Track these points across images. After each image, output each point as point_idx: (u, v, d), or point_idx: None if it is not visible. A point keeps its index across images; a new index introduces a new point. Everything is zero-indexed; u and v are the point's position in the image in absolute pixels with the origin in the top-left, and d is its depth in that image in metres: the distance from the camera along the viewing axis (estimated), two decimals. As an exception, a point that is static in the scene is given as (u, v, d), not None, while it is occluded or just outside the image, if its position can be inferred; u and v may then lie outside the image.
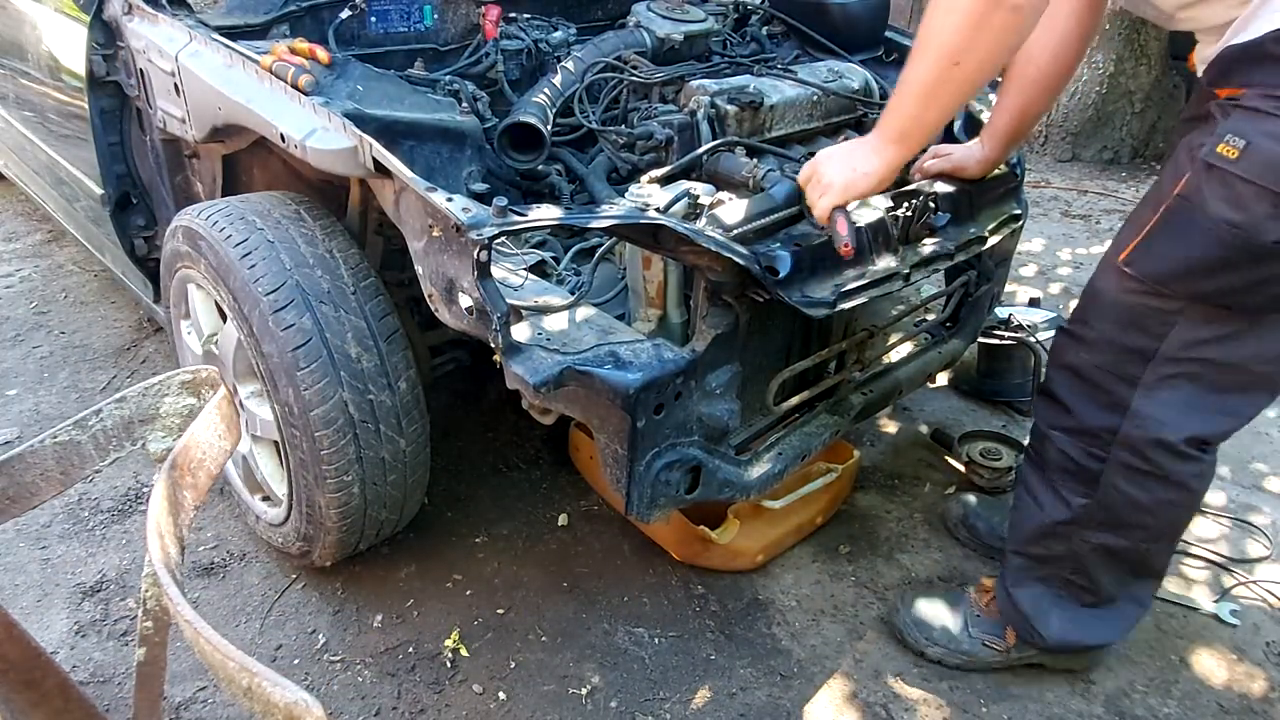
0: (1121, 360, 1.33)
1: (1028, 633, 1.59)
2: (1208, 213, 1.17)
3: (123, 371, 2.52)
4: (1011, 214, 1.88)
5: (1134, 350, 1.31)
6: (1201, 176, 1.17)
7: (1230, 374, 1.29)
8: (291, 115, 1.42)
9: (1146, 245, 1.25)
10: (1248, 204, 1.13)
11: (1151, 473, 1.37)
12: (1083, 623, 1.57)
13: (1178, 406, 1.31)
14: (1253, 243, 1.14)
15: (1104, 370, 1.35)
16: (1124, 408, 1.34)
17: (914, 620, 1.69)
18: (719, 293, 1.38)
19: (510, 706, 1.57)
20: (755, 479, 1.54)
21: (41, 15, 2.12)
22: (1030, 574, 1.58)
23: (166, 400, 1.01)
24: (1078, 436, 1.41)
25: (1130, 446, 1.36)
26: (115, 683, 1.58)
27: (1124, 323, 1.31)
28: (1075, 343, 1.39)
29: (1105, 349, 1.34)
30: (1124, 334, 1.32)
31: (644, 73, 1.94)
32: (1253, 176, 1.12)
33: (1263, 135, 1.11)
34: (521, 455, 2.21)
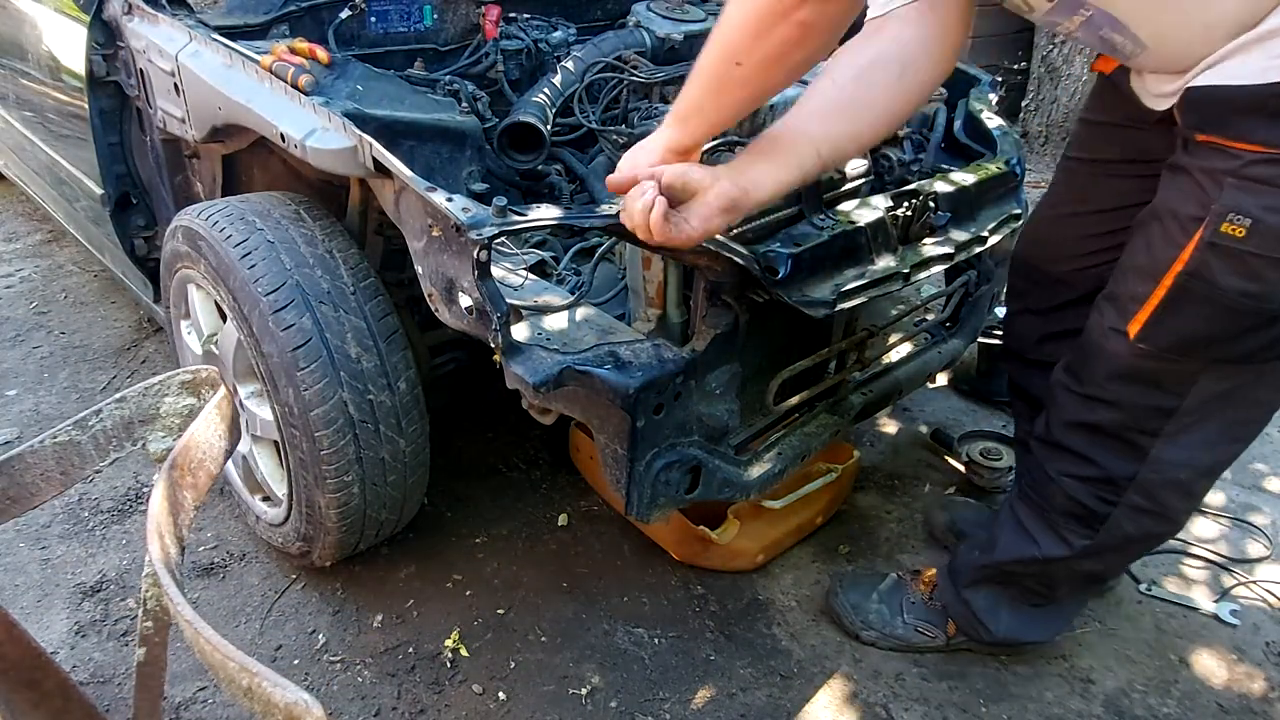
0: (1142, 417, 1.31)
1: (973, 629, 1.62)
2: (1220, 287, 1.12)
3: (123, 371, 2.52)
4: (1011, 214, 1.87)
5: (1156, 408, 1.29)
6: (1207, 254, 1.12)
7: (1248, 410, 1.30)
8: (291, 115, 1.42)
9: (1158, 320, 1.20)
10: (1262, 274, 1.10)
11: (1154, 511, 1.38)
12: (1028, 621, 1.60)
13: (1198, 447, 1.31)
14: (1269, 308, 1.13)
15: (1124, 427, 1.33)
16: (1144, 455, 1.33)
17: (851, 604, 1.72)
18: (719, 293, 1.38)
19: (510, 706, 1.57)
20: (755, 479, 1.54)
21: (41, 15, 2.12)
22: (992, 582, 1.60)
23: (166, 400, 1.01)
24: (1095, 485, 1.39)
25: (1144, 490, 1.35)
26: (115, 683, 1.58)
27: (1144, 385, 1.28)
28: (1088, 402, 1.35)
29: (1124, 409, 1.31)
30: (1145, 396, 1.29)
31: (644, 73, 1.94)
32: (1264, 251, 1.08)
33: (1267, 211, 1.06)
34: (521, 455, 2.20)
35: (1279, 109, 1.02)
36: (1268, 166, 1.04)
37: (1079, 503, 1.41)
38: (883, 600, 1.71)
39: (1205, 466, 1.35)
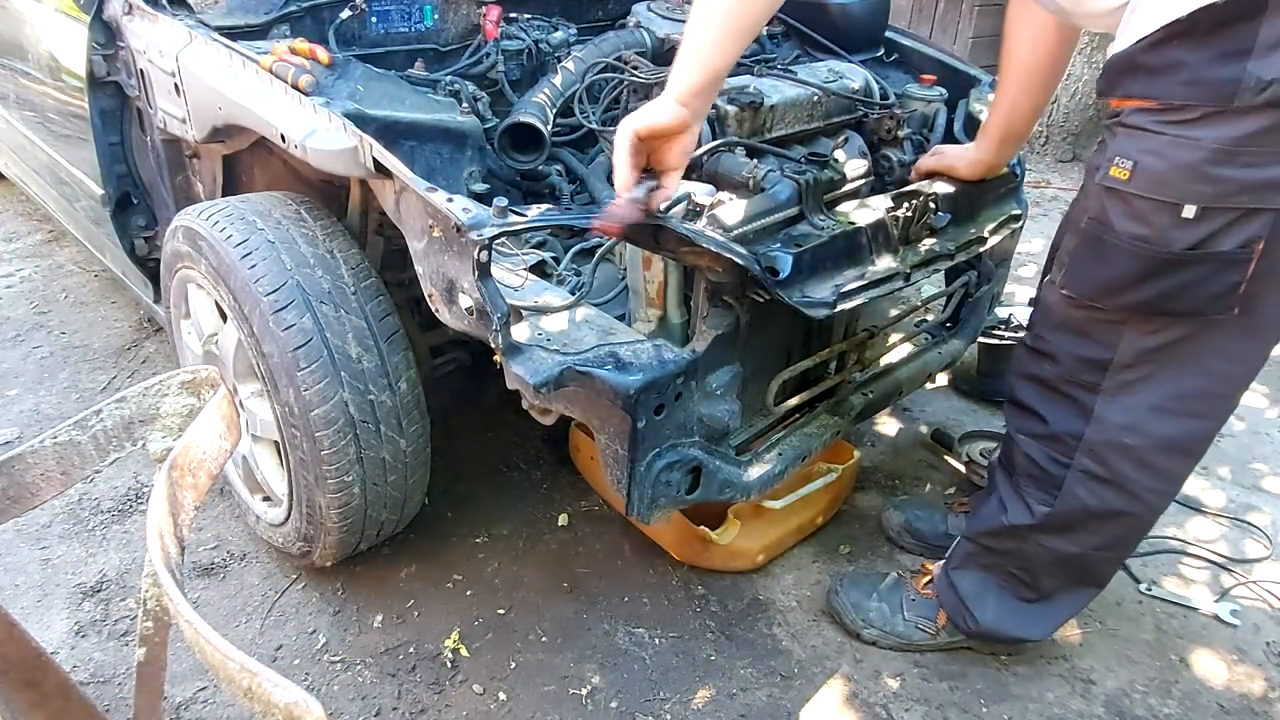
0: (1079, 369, 1.36)
1: (961, 616, 1.63)
2: (1117, 231, 1.21)
3: (123, 371, 2.52)
4: (1011, 214, 1.88)
5: (1089, 360, 1.34)
6: (1104, 199, 1.22)
7: (1196, 377, 1.30)
8: (292, 115, 1.42)
9: (1074, 267, 1.30)
10: (1150, 218, 1.17)
11: (1110, 480, 1.39)
12: (1016, 615, 1.60)
13: (1143, 410, 1.33)
14: (1164, 253, 1.18)
15: (1065, 380, 1.38)
16: (1089, 413, 1.36)
17: (852, 602, 1.72)
18: (719, 293, 1.38)
19: (510, 707, 1.57)
20: (755, 479, 1.54)
21: (41, 15, 2.12)
22: (976, 561, 1.61)
23: (166, 400, 1.01)
24: (1046, 442, 1.43)
25: (1092, 452, 1.38)
26: (115, 683, 1.58)
27: (1075, 335, 1.35)
28: (1036, 355, 1.42)
29: (1063, 360, 1.37)
30: (1077, 346, 1.35)
31: (644, 73, 1.93)
32: (1147, 193, 1.16)
33: (1144, 153, 1.16)
34: (521, 455, 2.20)
35: (1144, 66, 1.14)
36: (1142, 115, 1.16)
37: (1034, 461, 1.45)
38: (883, 599, 1.71)
39: (1160, 437, 1.34)
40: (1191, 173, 1.12)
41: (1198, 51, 1.08)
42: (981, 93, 2.06)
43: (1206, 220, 1.14)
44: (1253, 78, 1.05)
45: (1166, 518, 2.02)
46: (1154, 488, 1.39)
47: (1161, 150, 1.14)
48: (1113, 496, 1.40)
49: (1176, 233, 1.16)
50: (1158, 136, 1.14)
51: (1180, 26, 1.09)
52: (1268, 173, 1.09)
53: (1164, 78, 1.12)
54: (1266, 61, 1.05)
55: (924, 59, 2.26)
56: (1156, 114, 1.14)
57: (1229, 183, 1.11)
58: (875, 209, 1.54)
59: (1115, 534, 1.46)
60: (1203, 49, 1.08)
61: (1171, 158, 1.13)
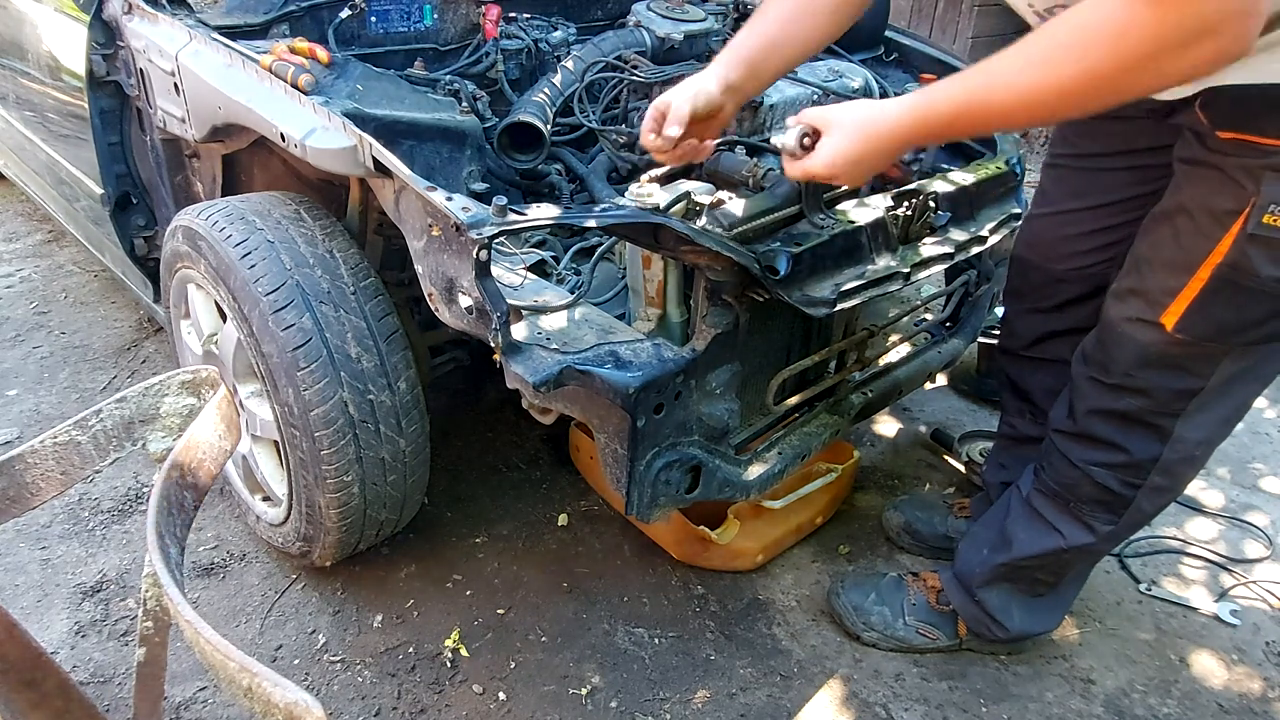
0: (1171, 400, 1.34)
1: (985, 627, 1.63)
2: (1260, 276, 1.17)
3: (123, 371, 2.52)
4: (1011, 214, 1.87)
5: (1183, 391, 1.32)
6: (1246, 245, 1.16)
7: (1257, 384, 1.34)
8: (291, 115, 1.42)
9: (1198, 310, 1.23)
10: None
11: (1172, 490, 1.43)
12: (1036, 614, 1.62)
13: (1215, 424, 1.36)
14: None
15: (1151, 411, 1.36)
16: (1168, 436, 1.36)
17: (852, 605, 1.72)
18: (719, 292, 1.38)
19: (510, 706, 1.57)
20: (755, 479, 1.54)
21: (41, 15, 2.12)
22: (1005, 579, 1.60)
23: (166, 400, 1.01)
24: (1122, 470, 1.41)
25: (1166, 470, 1.39)
26: (115, 683, 1.58)
27: (1171, 370, 1.31)
28: (1115, 391, 1.37)
29: (1152, 395, 1.34)
30: (1173, 380, 1.32)
31: (644, 72, 1.94)
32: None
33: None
34: (521, 455, 2.20)
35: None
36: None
37: (1106, 489, 1.43)
38: (884, 602, 1.71)
39: (1217, 440, 1.39)
40: None
41: None
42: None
43: None
44: None
45: (1166, 518, 2.02)
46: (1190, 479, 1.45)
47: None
48: (1165, 500, 1.44)
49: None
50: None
51: None
52: None
53: None
54: None
55: (924, 58, 2.26)
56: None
57: None
58: (875, 208, 1.54)
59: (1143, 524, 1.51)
60: None
61: None
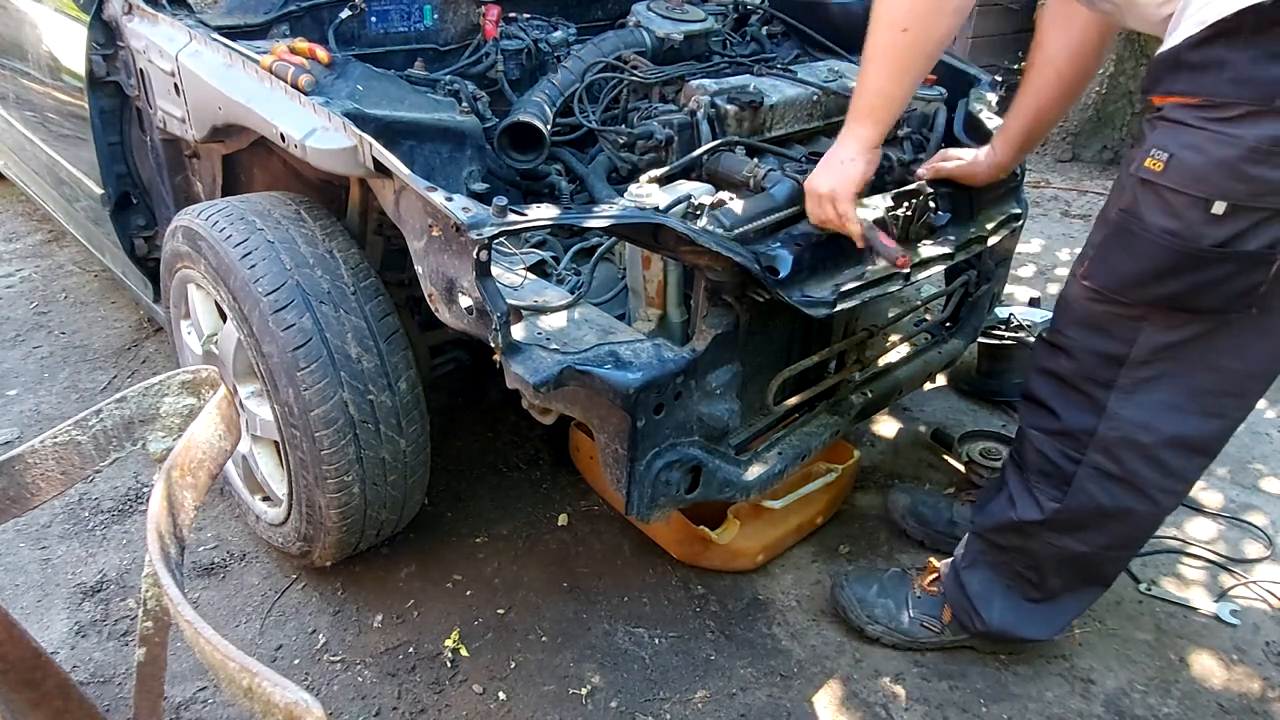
0: (1096, 365, 1.36)
1: (966, 615, 1.63)
2: (1146, 224, 1.22)
3: (123, 371, 2.52)
4: (1011, 214, 1.88)
5: (1106, 355, 1.35)
6: (1137, 190, 1.23)
7: (1209, 374, 1.31)
8: (291, 115, 1.42)
9: (1100, 259, 1.31)
10: (1181, 212, 1.18)
11: (1121, 478, 1.39)
12: (1023, 615, 1.60)
13: (1157, 408, 1.34)
14: (1192, 248, 1.18)
15: (1081, 375, 1.39)
16: (1102, 409, 1.37)
17: (857, 598, 1.72)
18: (719, 292, 1.38)
19: (510, 706, 1.57)
20: (755, 479, 1.54)
21: (41, 15, 2.12)
22: (984, 559, 1.61)
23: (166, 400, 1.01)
24: (1058, 438, 1.44)
25: (1105, 448, 1.38)
26: (115, 683, 1.58)
27: (1093, 330, 1.35)
28: (1053, 350, 1.43)
29: (1080, 355, 1.38)
30: (1095, 340, 1.36)
31: (644, 72, 1.94)
32: (1180, 186, 1.17)
33: (1182, 147, 1.16)
34: (521, 455, 2.21)
35: (1189, 63, 1.14)
36: (1183, 110, 1.17)
37: (1045, 457, 1.45)
38: (888, 594, 1.71)
39: (1171, 435, 1.35)
40: (1227, 169, 1.13)
41: (1243, 51, 1.09)
42: (981, 92, 2.06)
43: (1236, 218, 1.14)
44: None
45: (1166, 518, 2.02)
46: (1165, 486, 1.40)
47: (1200, 145, 1.14)
48: (1124, 494, 1.41)
49: (1206, 229, 1.16)
50: (1197, 131, 1.14)
51: (1226, 25, 1.09)
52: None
53: (1208, 75, 1.13)
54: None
55: (924, 59, 2.25)
56: (1198, 110, 1.14)
57: (1262, 182, 1.11)
58: (875, 208, 1.54)
59: (1124, 532, 1.47)
60: (1248, 48, 1.09)
61: (1209, 153, 1.14)
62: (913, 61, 1.30)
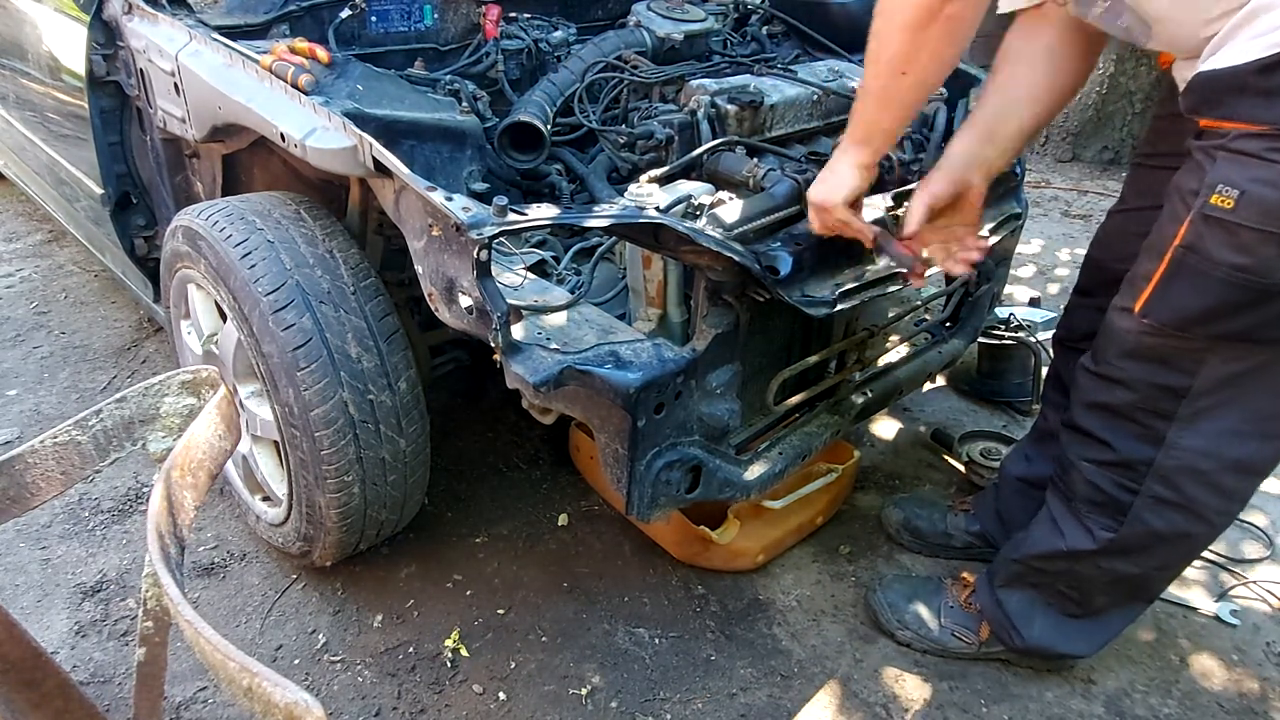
0: (1155, 397, 1.32)
1: (1006, 632, 1.61)
2: (1214, 260, 1.16)
3: (123, 371, 2.52)
4: (1011, 214, 1.88)
5: (1167, 388, 1.30)
6: (1201, 226, 1.17)
7: (1270, 398, 1.29)
8: (291, 115, 1.42)
9: (1160, 294, 1.24)
10: (1253, 248, 1.13)
11: (1180, 504, 1.37)
12: (1064, 631, 1.58)
13: (1220, 435, 1.31)
14: (1263, 283, 1.14)
15: (1137, 408, 1.34)
16: (1160, 440, 1.33)
17: (889, 602, 1.72)
18: (719, 292, 1.38)
19: (510, 707, 1.57)
20: (755, 479, 1.54)
21: (41, 15, 2.12)
22: (1024, 581, 1.59)
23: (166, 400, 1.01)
24: (1113, 469, 1.40)
25: (1164, 478, 1.35)
26: (115, 683, 1.58)
27: (1153, 364, 1.30)
28: (1104, 382, 1.38)
29: (1137, 388, 1.33)
30: (1154, 374, 1.31)
31: (644, 72, 1.94)
32: (1253, 223, 1.12)
33: (1254, 183, 1.10)
34: (521, 455, 2.20)
35: (1255, 87, 1.08)
36: (1253, 140, 1.10)
37: (1099, 489, 1.41)
38: (921, 602, 1.70)
39: (1232, 460, 1.33)
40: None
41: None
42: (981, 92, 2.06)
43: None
44: None
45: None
46: (1221, 508, 1.37)
47: (1274, 180, 1.09)
48: (1182, 520, 1.38)
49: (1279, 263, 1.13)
50: (1270, 165, 1.09)
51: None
52: None
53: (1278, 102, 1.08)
54: None
55: (924, 59, 2.25)
56: (1267, 140, 1.09)
57: None
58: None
59: (1178, 554, 1.45)
60: None
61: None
62: (911, 100, 1.30)
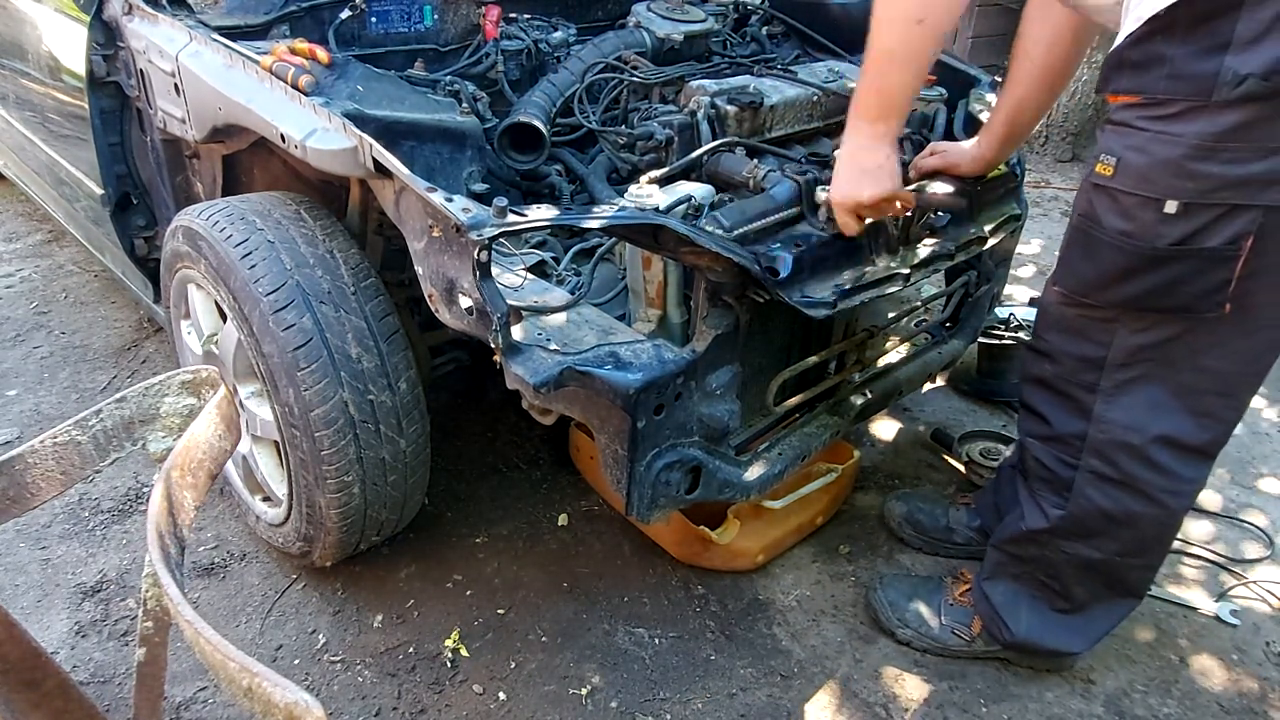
0: (1077, 369, 1.37)
1: (994, 625, 1.62)
2: (1104, 227, 1.23)
3: (123, 371, 2.52)
4: (1011, 214, 1.88)
5: (1085, 359, 1.36)
6: (1091, 194, 1.24)
7: (1193, 374, 1.30)
8: (291, 115, 1.42)
9: (1065, 263, 1.33)
10: (1134, 214, 1.19)
11: (1121, 481, 1.39)
12: (1051, 626, 1.58)
13: (1142, 409, 1.34)
14: (1148, 249, 1.19)
15: (1064, 380, 1.40)
16: (1088, 413, 1.38)
17: (890, 600, 1.72)
18: (719, 293, 1.38)
19: (510, 706, 1.57)
20: (755, 479, 1.54)
21: (41, 15, 2.12)
22: (1005, 570, 1.61)
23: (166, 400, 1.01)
24: (1053, 444, 1.45)
25: (1098, 452, 1.39)
26: (115, 683, 1.58)
27: (1070, 334, 1.37)
28: (1038, 356, 1.45)
29: (1061, 359, 1.40)
30: (1073, 344, 1.37)
31: (644, 73, 1.94)
32: (1130, 188, 1.18)
33: (1128, 149, 1.17)
34: (521, 455, 2.21)
35: (1130, 61, 1.15)
36: (1126, 111, 1.18)
37: (1043, 464, 1.47)
38: (922, 600, 1.71)
39: (1158, 434, 1.34)
40: (1172, 168, 1.13)
41: (1178, 46, 1.10)
42: (981, 92, 2.06)
43: (1190, 216, 1.14)
44: (1230, 72, 1.06)
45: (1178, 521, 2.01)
46: (1165, 486, 1.38)
47: (1143, 146, 1.15)
48: (1125, 497, 1.40)
49: (1161, 228, 1.17)
50: (1140, 132, 1.16)
51: (1161, 21, 1.10)
52: (1249, 169, 1.09)
53: (1147, 72, 1.13)
54: (1243, 56, 1.05)
55: (924, 59, 2.25)
56: (1139, 109, 1.16)
57: (1210, 179, 1.11)
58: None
59: (1135, 538, 1.45)
60: (1183, 43, 1.09)
61: (1153, 153, 1.14)
62: (928, 50, 1.28)
